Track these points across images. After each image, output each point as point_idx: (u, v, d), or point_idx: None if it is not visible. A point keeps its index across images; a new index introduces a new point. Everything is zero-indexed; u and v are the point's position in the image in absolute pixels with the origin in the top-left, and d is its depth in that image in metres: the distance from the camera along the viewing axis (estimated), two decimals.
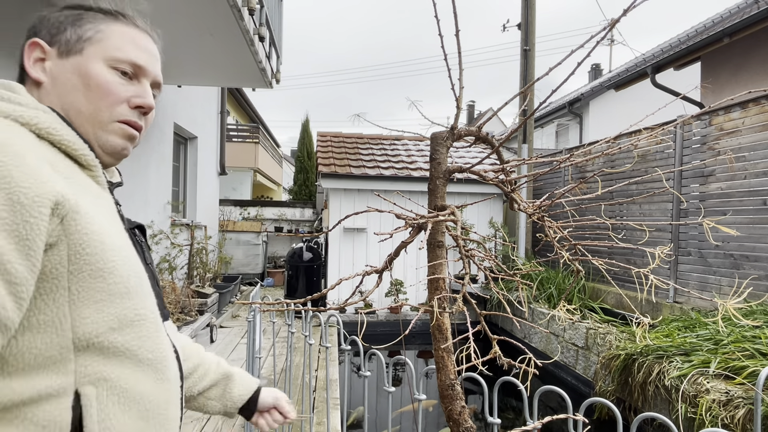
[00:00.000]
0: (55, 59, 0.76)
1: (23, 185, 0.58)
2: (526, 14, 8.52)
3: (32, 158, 0.60)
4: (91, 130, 0.75)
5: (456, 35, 0.57)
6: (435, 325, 0.61)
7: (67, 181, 0.65)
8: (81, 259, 0.62)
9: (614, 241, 0.74)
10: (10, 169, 0.57)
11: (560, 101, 15.65)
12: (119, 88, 0.77)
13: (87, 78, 0.75)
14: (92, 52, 0.76)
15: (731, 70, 6.65)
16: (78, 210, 0.63)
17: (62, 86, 0.74)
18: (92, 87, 0.75)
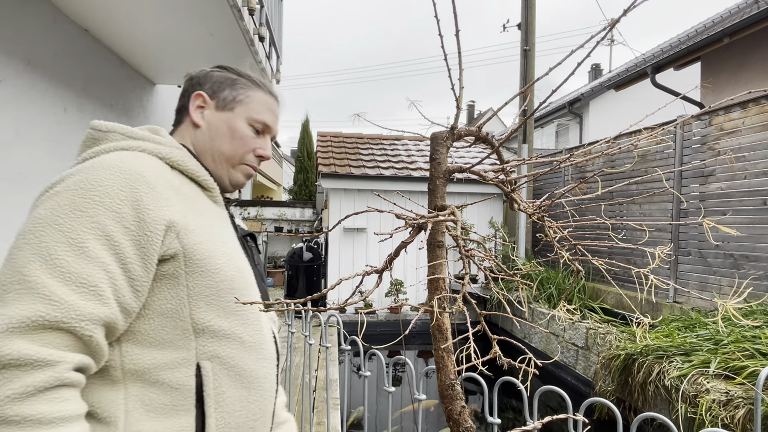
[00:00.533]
0: (212, 110, 1.01)
1: (148, 208, 0.78)
2: (526, 14, 8.52)
3: (160, 186, 0.81)
4: (226, 166, 1.00)
5: (456, 35, 0.57)
6: (435, 325, 0.61)
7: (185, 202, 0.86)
8: (193, 264, 0.82)
9: (614, 241, 0.74)
10: (141, 195, 0.78)
11: (560, 101, 15.65)
12: (252, 141, 1.01)
13: (233, 131, 1.00)
14: (240, 112, 1.01)
15: (731, 70, 6.65)
16: (188, 227, 0.83)
17: (214, 131, 1.00)
18: (236, 137, 0.99)
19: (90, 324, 0.69)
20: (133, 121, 4.89)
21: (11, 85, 3.06)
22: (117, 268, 0.74)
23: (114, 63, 4.44)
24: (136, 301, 0.77)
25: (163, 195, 0.81)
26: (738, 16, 7.97)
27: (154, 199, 0.79)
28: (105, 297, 0.72)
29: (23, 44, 3.17)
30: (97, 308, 0.70)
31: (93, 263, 0.71)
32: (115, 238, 0.74)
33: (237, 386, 0.85)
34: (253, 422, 0.88)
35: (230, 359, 0.85)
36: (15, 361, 0.63)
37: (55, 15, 3.51)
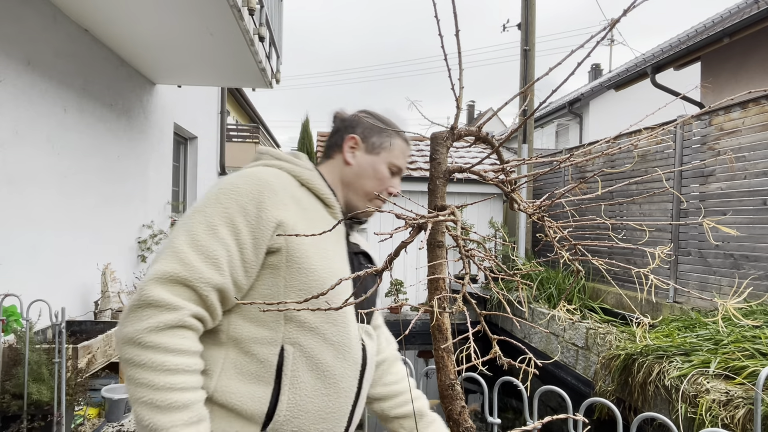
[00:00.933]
0: (362, 152, 1.17)
1: (267, 208, 0.97)
2: (526, 14, 8.51)
3: (281, 194, 1.00)
4: (363, 198, 1.16)
5: (456, 35, 0.57)
6: (435, 325, 0.61)
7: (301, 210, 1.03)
8: (292, 260, 0.98)
9: (614, 241, 0.74)
10: (264, 197, 0.98)
11: (560, 101, 15.65)
12: (388, 181, 1.18)
13: (377, 172, 1.16)
14: (384, 157, 1.17)
15: (731, 70, 6.65)
16: (295, 229, 0.98)
17: (362, 171, 1.16)
18: (377, 178, 1.16)
19: (207, 286, 0.90)
20: (133, 120, 4.89)
21: (11, 85, 3.05)
22: (236, 249, 0.94)
23: (114, 63, 4.44)
24: (246, 279, 0.96)
25: (282, 200, 1.00)
26: (738, 16, 7.97)
27: (273, 202, 0.98)
28: (222, 269, 0.92)
29: (23, 44, 3.17)
30: (214, 276, 0.91)
31: (219, 242, 0.93)
32: (238, 227, 0.95)
33: (312, 375, 0.98)
34: (325, 414, 0.99)
35: (310, 349, 0.98)
36: (154, 302, 0.86)
37: (55, 15, 3.50)
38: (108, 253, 4.28)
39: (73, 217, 3.77)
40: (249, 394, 0.94)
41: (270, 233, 0.97)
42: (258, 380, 0.95)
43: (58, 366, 2.37)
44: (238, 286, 0.95)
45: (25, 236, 3.20)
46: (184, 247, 0.91)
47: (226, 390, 0.93)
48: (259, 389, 0.94)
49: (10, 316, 2.61)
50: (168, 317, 0.86)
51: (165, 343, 0.86)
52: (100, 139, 4.22)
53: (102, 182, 4.25)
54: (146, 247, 5.14)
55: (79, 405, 2.68)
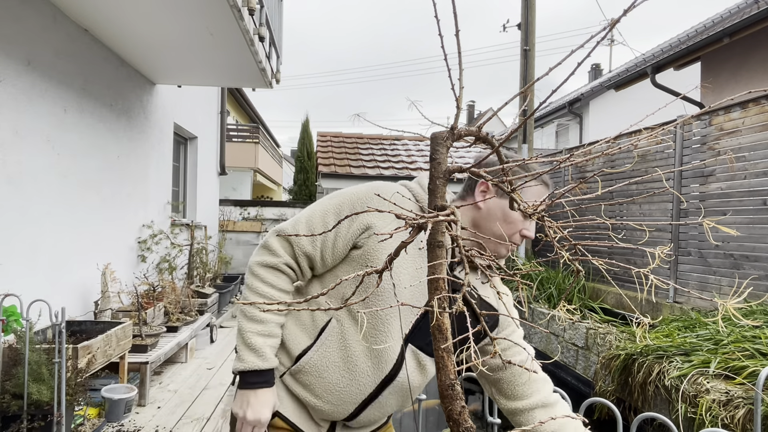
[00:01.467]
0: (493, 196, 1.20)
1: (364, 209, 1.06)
2: (526, 14, 8.52)
3: (383, 204, 1.12)
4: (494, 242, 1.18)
5: (456, 35, 0.57)
6: (435, 325, 0.61)
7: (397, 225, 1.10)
8: (365, 258, 1.15)
9: (614, 241, 0.74)
10: (366, 203, 1.17)
11: (560, 101, 15.65)
12: (520, 224, 1.18)
13: (506, 216, 1.18)
14: None
15: (731, 70, 6.65)
16: (374, 234, 1.14)
17: (491, 215, 1.19)
18: (507, 222, 1.18)
19: (300, 249, 1.18)
20: (133, 120, 4.89)
21: (11, 85, 3.05)
22: (332, 234, 1.16)
23: (114, 63, 4.44)
24: (331, 258, 1.19)
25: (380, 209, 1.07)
26: (738, 16, 7.97)
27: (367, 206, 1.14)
28: (315, 243, 1.17)
29: (23, 44, 3.17)
30: (308, 246, 1.18)
31: (323, 225, 1.17)
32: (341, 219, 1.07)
33: (339, 353, 1.16)
34: (335, 389, 1.16)
35: (347, 333, 1.16)
36: (267, 246, 1.20)
37: (55, 15, 3.50)
38: (108, 253, 4.28)
39: (73, 217, 3.77)
40: (295, 337, 1.20)
41: (359, 232, 1.16)
42: (305, 331, 1.20)
43: (58, 366, 2.37)
44: (324, 260, 1.19)
45: (25, 236, 3.20)
46: (302, 218, 1.20)
47: (286, 327, 1.22)
48: (302, 337, 1.19)
49: (10, 316, 2.61)
50: (271, 259, 1.19)
51: (263, 275, 1.19)
52: (100, 139, 4.22)
53: (102, 182, 4.24)
54: (146, 247, 5.14)
55: (79, 405, 2.68)
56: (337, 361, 1.16)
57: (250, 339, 1.16)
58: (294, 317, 1.23)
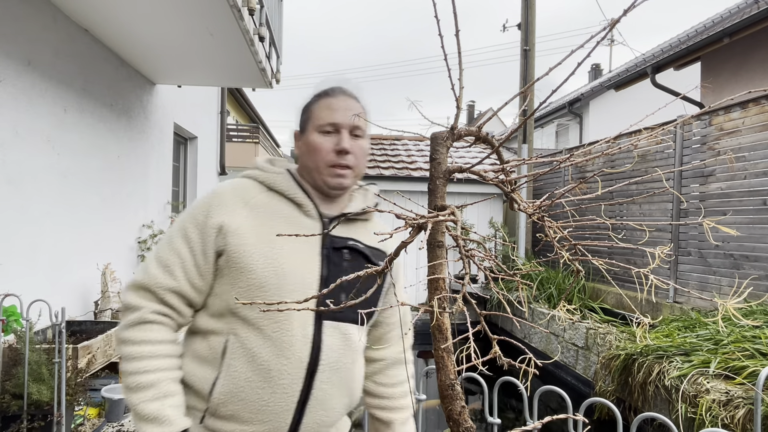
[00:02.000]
0: (300, 139, 1.18)
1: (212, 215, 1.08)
2: (526, 14, 8.51)
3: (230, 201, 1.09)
4: (318, 177, 1.13)
5: (456, 35, 0.57)
6: (435, 325, 0.61)
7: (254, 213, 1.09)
8: (232, 261, 1.05)
9: (614, 241, 0.74)
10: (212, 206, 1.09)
11: (560, 101, 15.64)
12: (324, 144, 1.12)
13: (309, 146, 1.14)
14: (310, 128, 1.15)
15: (731, 70, 6.65)
16: (237, 231, 1.06)
17: (302, 154, 1.17)
18: (312, 150, 1.13)
19: (162, 289, 1.06)
20: (133, 120, 4.89)
21: (11, 85, 3.05)
22: (188, 256, 1.07)
23: (114, 63, 4.44)
24: (202, 281, 1.08)
25: (229, 207, 1.09)
26: (738, 16, 7.97)
27: (219, 209, 1.08)
28: (175, 275, 1.06)
29: (23, 44, 3.17)
30: (168, 281, 1.06)
31: (173, 252, 1.07)
32: (190, 236, 1.07)
33: (248, 367, 1.04)
34: (261, 407, 1.04)
35: (248, 342, 1.04)
36: (125, 305, 1.07)
37: (55, 15, 3.50)
38: (108, 253, 4.28)
39: (73, 217, 3.77)
40: (199, 374, 1.07)
41: (213, 237, 1.06)
42: (207, 363, 1.07)
43: (58, 366, 2.37)
44: (196, 288, 1.08)
45: (25, 236, 3.20)
46: (150, 258, 1.11)
47: (186, 369, 1.08)
48: (207, 371, 1.06)
49: (10, 316, 2.61)
50: (133, 316, 1.05)
51: (131, 336, 1.04)
52: (100, 139, 4.22)
53: (102, 182, 4.24)
54: (146, 247, 5.14)
55: (79, 405, 2.68)
56: (250, 376, 1.03)
57: (144, 409, 0.99)
58: (191, 356, 1.09)
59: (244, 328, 1.05)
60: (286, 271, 1.05)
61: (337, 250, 1.13)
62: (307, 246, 1.10)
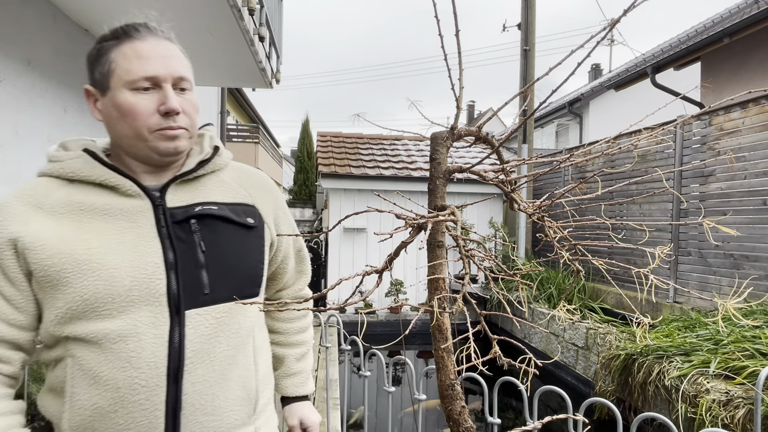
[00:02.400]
0: (101, 99, 0.92)
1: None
2: (526, 14, 8.52)
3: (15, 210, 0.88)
4: (143, 145, 0.90)
5: (456, 35, 0.57)
6: (435, 325, 0.61)
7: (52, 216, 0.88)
8: (42, 280, 0.86)
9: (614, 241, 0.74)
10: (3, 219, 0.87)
11: (560, 101, 15.65)
12: (144, 105, 0.88)
13: (120, 109, 0.89)
14: (115, 84, 0.89)
15: (731, 70, 6.65)
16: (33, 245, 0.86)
17: (110, 120, 0.92)
18: (125, 115, 0.89)
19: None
20: None
21: (11, 85, 3.06)
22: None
23: None
24: (22, 314, 0.89)
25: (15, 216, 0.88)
26: (738, 16, 7.97)
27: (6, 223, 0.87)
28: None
29: (23, 44, 3.17)
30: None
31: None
32: None
33: (91, 392, 0.86)
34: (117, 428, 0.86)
35: (85, 363, 0.86)
36: None
37: (55, 15, 3.50)
38: None
39: None
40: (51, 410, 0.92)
41: (11, 259, 0.86)
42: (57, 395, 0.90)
43: None
44: (16, 325, 0.89)
45: None
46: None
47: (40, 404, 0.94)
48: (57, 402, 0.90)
49: None
50: None
51: None
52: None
53: None
54: None
55: None
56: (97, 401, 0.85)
57: None
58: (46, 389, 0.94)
59: (79, 347, 0.86)
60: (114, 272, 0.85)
61: (182, 224, 0.93)
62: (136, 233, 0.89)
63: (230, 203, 0.99)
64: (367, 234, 8.09)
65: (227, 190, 1.01)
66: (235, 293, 0.94)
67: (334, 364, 4.50)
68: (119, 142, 0.92)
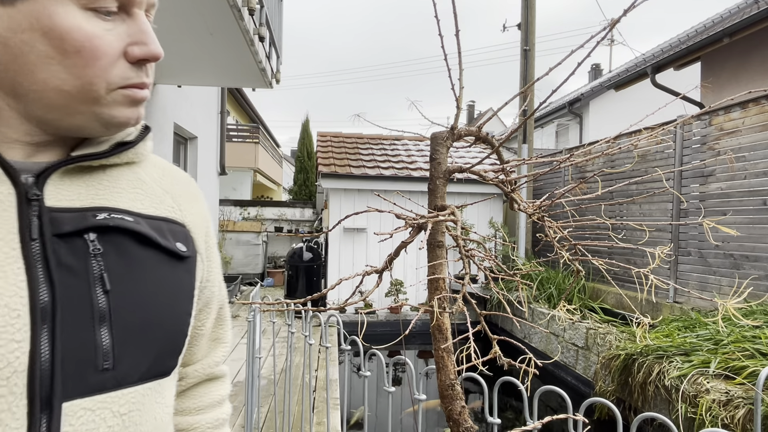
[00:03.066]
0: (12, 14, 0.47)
1: None
2: (526, 14, 8.52)
3: None
4: (84, 110, 0.52)
5: (456, 35, 0.57)
6: (435, 325, 0.61)
7: None
8: None
9: (614, 241, 0.74)
10: None
11: (560, 101, 15.65)
12: (108, 42, 0.51)
13: (59, 38, 0.48)
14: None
15: (731, 70, 6.65)
16: None
17: (24, 57, 0.48)
18: (71, 51, 0.49)
19: None
20: None
21: None
22: None
23: None
24: None
25: None
26: (738, 16, 7.97)
27: None
28: None
29: None
30: None
31: None
32: None
33: None
34: None
35: None
36: None
37: None
38: None
39: None
40: None
41: None
42: None
43: None
44: None
45: None
46: None
47: None
48: None
49: None
50: None
51: None
52: None
53: None
54: None
55: None
56: None
57: None
58: None
59: None
60: None
61: (70, 238, 0.53)
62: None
63: (152, 216, 0.60)
64: (367, 234, 8.09)
65: (147, 195, 0.62)
66: (151, 367, 0.57)
67: (334, 364, 4.50)
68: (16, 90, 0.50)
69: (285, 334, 5.69)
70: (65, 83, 0.50)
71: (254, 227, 10.41)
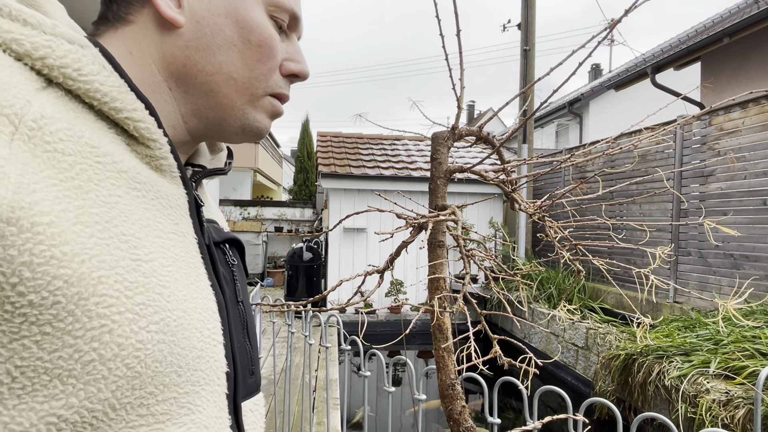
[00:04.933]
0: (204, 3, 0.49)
1: None
2: (526, 14, 8.52)
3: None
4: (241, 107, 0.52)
5: (457, 35, 0.57)
6: (435, 325, 0.61)
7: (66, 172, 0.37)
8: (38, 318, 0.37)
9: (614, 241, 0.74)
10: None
11: (560, 101, 15.65)
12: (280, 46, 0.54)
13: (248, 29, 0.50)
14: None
15: (731, 70, 6.65)
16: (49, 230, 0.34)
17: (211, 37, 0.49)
18: (253, 44, 0.51)
19: None
20: None
21: None
22: None
23: None
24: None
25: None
26: (738, 16, 7.97)
27: None
28: None
29: None
30: None
31: None
32: None
33: None
34: None
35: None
36: None
37: None
38: None
39: None
40: None
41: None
42: None
43: None
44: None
45: None
46: None
47: None
48: None
49: None
50: None
51: None
52: None
53: None
54: None
55: None
56: None
57: None
58: None
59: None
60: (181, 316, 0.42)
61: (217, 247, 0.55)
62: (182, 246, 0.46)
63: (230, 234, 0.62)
64: (368, 234, 8.09)
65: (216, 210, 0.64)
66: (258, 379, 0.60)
67: (334, 364, 4.50)
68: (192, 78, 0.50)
69: (285, 334, 5.70)
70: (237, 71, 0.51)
71: (254, 227, 10.41)
